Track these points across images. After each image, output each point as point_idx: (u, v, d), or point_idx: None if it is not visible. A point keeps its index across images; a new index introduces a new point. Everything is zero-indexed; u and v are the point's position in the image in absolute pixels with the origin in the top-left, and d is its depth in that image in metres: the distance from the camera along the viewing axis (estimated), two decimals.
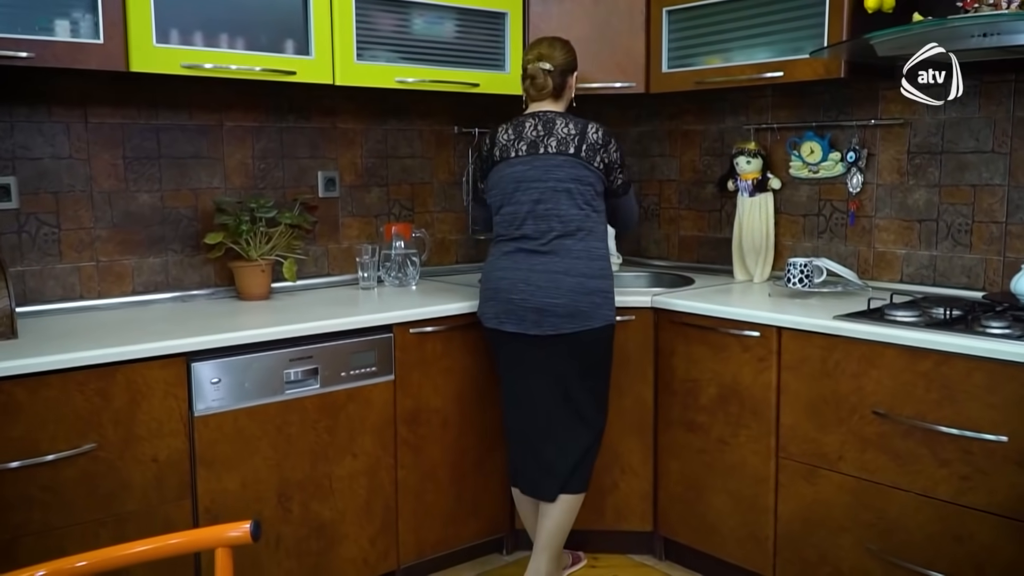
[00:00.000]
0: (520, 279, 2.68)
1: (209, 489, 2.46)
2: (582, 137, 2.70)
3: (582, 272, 2.66)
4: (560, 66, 2.77)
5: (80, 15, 2.46)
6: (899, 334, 2.41)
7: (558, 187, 2.67)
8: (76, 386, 2.23)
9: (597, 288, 2.69)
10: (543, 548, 2.80)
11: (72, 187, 2.78)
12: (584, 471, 2.82)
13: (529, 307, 2.66)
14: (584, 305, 2.66)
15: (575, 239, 2.68)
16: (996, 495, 2.28)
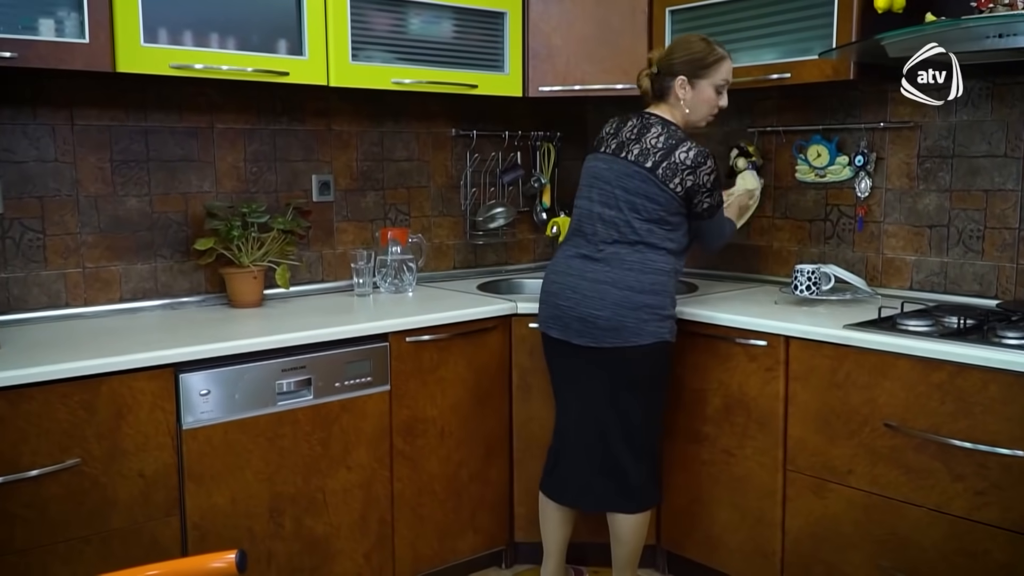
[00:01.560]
0: (570, 285, 2.61)
1: (198, 505, 2.38)
2: (667, 154, 2.56)
3: (630, 285, 2.55)
4: (661, 68, 2.65)
5: (65, 14, 2.38)
6: (912, 344, 2.34)
7: (626, 197, 2.58)
8: (59, 399, 2.14)
9: (645, 303, 2.55)
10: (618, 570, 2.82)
11: (58, 191, 2.69)
12: (630, 490, 2.68)
13: (574, 315, 2.59)
14: (630, 320, 2.54)
15: (631, 249, 2.57)
16: (1012, 511, 2.21)
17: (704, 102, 2.63)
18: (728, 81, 2.64)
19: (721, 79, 2.62)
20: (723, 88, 2.64)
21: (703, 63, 2.59)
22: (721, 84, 2.62)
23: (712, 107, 2.64)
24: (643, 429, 2.66)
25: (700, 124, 2.69)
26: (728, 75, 2.63)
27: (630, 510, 2.69)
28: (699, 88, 2.61)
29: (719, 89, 2.63)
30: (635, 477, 2.66)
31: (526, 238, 3.85)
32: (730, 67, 2.65)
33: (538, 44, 3.29)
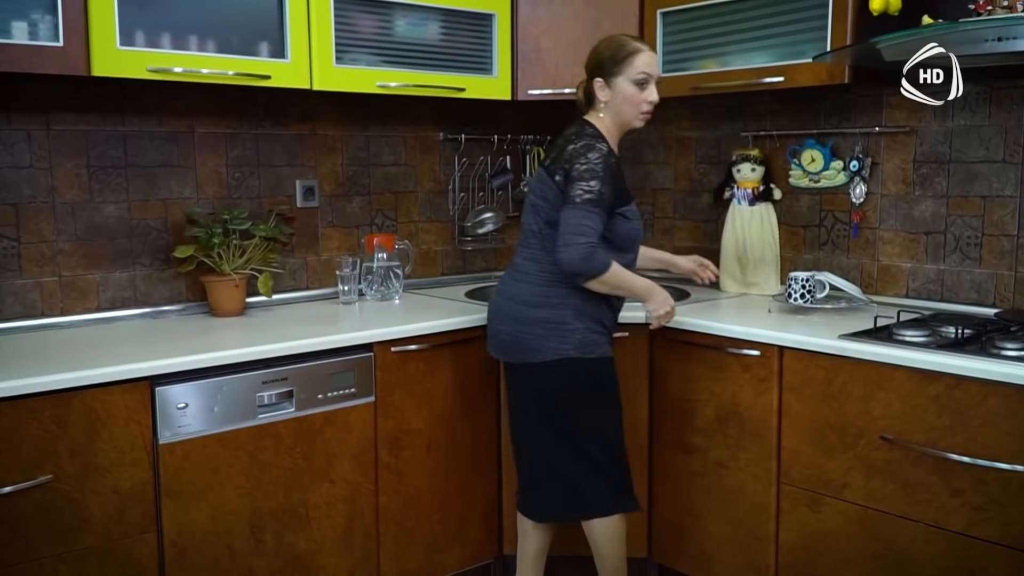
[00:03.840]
0: (492, 300, 2.67)
1: (176, 521, 2.31)
2: (561, 149, 2.49)
3: (524, 299, 2.51)
4: (587, 74, 2.58)
5: (39, 16, 2.31)
6: (909, 356, 2.29)
7: (532, 200, 2.56)
8: (30, 413, 2.07)
9: (539, 318, 2.48)
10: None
11: (33, 198, 2.63)
12: (582, 499, 2.60)
13: (489, 330, 2.66)
14: (526, 336, 2.50)
15: (532, 260, 2.53)
16: (1012, 527, 2.16)
17: (626, 100, 2.50)
18: (650, 74, 2.50)
19: (638, 73, 2.48)
20: (645, 82, 2.49)
21: (615, 60, 2.49)
22: (640, 78, 2.48)
23: (637, 104, 2.51)
24: (591, 445, 2.56)
25: (635, 124, 2.55)
26: (647, 67, 2.50)
27: (585, 515, 2.63)
28: (617, 87, 2.50)
29: (639, 83, 2.49)
30: (587, 488, 2.59)
31: (514, 243, 3.78)
32: (649, 59, 2.51)
33: (527, 47, 3.23)
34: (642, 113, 2.53)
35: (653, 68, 2.52)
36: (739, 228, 3.26)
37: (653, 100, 2.52)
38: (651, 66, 2.51)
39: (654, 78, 2.52)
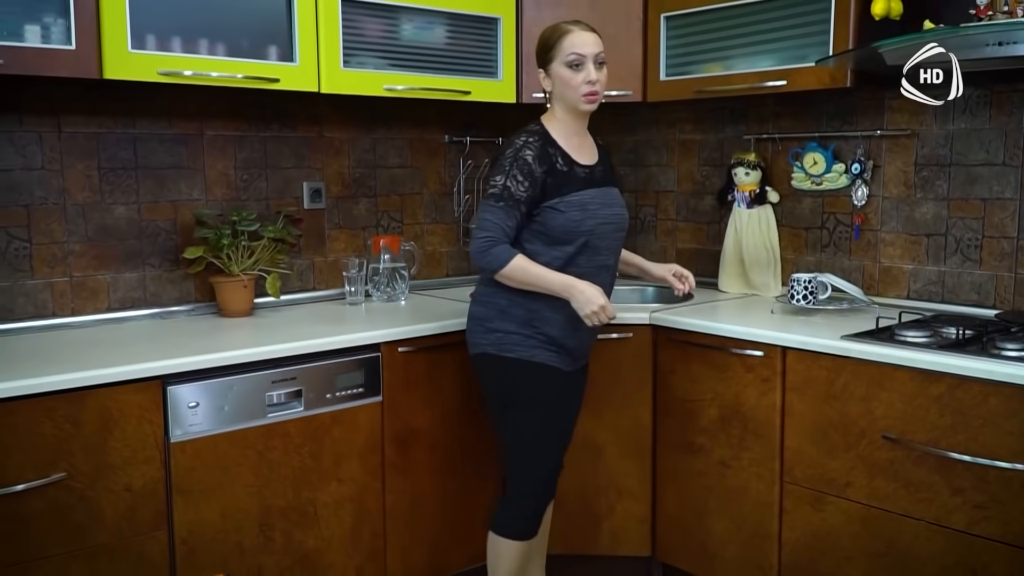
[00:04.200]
0: None
1: (186, 520, 2.34)
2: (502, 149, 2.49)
3: (474, 295, 2.60)
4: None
5: (51, 20, 2.34)
6: (911, 356, 2.32)
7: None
8: (44, 412, 2.10)
9: (473, 314, 2.54)
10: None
11: (44, 199, 2.66)
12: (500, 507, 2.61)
13: None
14: (467, 329, 2.58)
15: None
16: (1013, 525, 2.19)
17: (565, 84, 2.44)
18: (582, 54, 2.42)
19: (568, 54, 2.42)
20: (578, 63, 2.42)
21: (545, 47, 2.48)
22: (572, 59, 2.41)
23: (576, 86, 2.43)
24: (510, 448, 2.56)
25: (582, 107, 2.46)
26: (578, 47, 2.42)
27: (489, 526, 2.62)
28: (554, 73, 2.46)
29: (572, 65, 2.42)
30: (505, 495, 2.60)
31: None
32: (578, 39, 2.43)
33: (532, 50, 3.19)
34: (584, 96, 2.44)
35: (587, 47, 2.43)
36: (739, 230, 3.29)
37: (591, 80, 2.43)
38: (583, 45, 2.43)
39: (589, 57, 2.43)
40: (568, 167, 2.45)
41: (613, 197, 2.54)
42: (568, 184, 2.44)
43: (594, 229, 2.45)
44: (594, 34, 2.48)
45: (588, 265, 2.46)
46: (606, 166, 2.59)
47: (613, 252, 2.55)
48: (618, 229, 2.54)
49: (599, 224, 2.46)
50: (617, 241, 2.56)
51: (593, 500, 3.01)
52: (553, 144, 2.45)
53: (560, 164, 2.44)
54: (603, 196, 2.49)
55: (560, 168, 2.44)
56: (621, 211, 2.56)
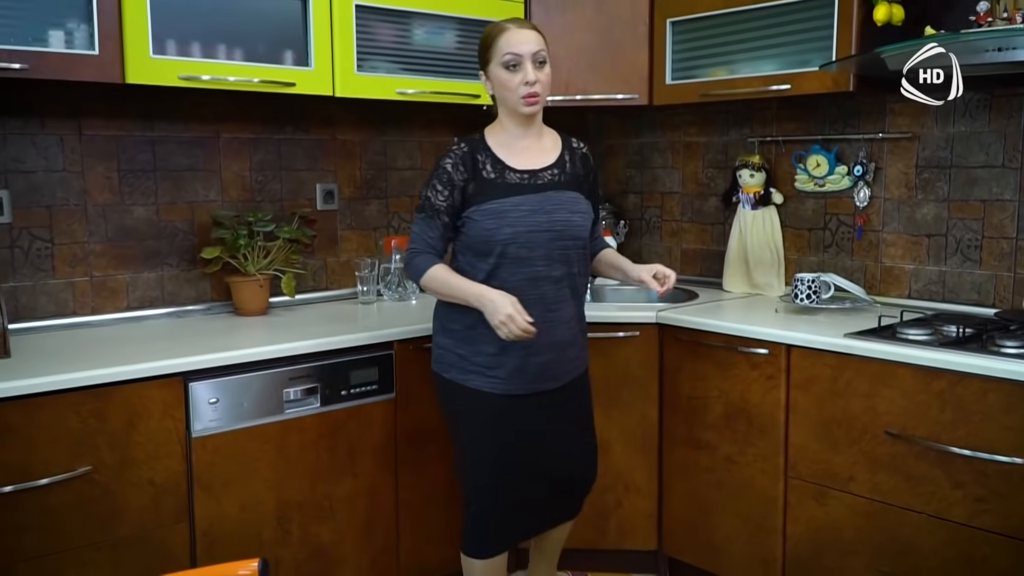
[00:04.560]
0: None
1: (207, 513, 2.40)
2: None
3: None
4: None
5: (75, 25, 2.40)
6: (912, 353, 2.38)
7: None
8: (71, 407, 2.17)
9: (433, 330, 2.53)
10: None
11: (66, 201, 2.72)
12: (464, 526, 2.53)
13: None
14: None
15: None
16: (1012, 518, 2.25)
17: (502, 86, 2.33)
18: (518, 54, 2.29)
19: (504, 55, 2.30)
20: (515, 63, 2.29)
21: (484, 48, 2.36)
22: (508, 59, 2.29)
23: (513, 88, 2.31)
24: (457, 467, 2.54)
25: (521, 110, 2.34)
26: (514, 46, 2.29)
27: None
28: (493, 76, 2.35)
29: (509, 66, 2.30)
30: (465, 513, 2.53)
31: None
32: (515, 37, 2.30)
33: None
34: (523, 98, 2.32)
35: (525, 46, 2.30)
36: (744, 231, 3.36)
37: (529, 80, 2.30)
38: (519, 44, 2.30)
39: (527, 57, 2.30)
40: (497, 174, 2.34)
41: (557, 202, 2.36)
42: (489, 192, 2.32)
43: (513, 238, 2.30)
44: (533, 31, 2.34)
45: (517, 277, 2.32)
46: (566, 170, 2.44)
47: (557, 262, 2.36)
48: (557, 237, 2.34)
49: (523, 232, 2.30)
50: (561, 250, 2.36)
51: (601, 495, 3.06)
52: (485, 151, 2.37)
53: (487, 171, 2.34)
54: (539, 202, 2.34)
55: (485, 175, 2.34)
56: (567, 216, 2.37)
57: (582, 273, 2.47)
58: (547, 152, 2.44)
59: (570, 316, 2.43)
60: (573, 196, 2.40)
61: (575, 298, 2.45)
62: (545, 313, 2.33)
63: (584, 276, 2.49)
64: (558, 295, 2.38)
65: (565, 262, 2.38)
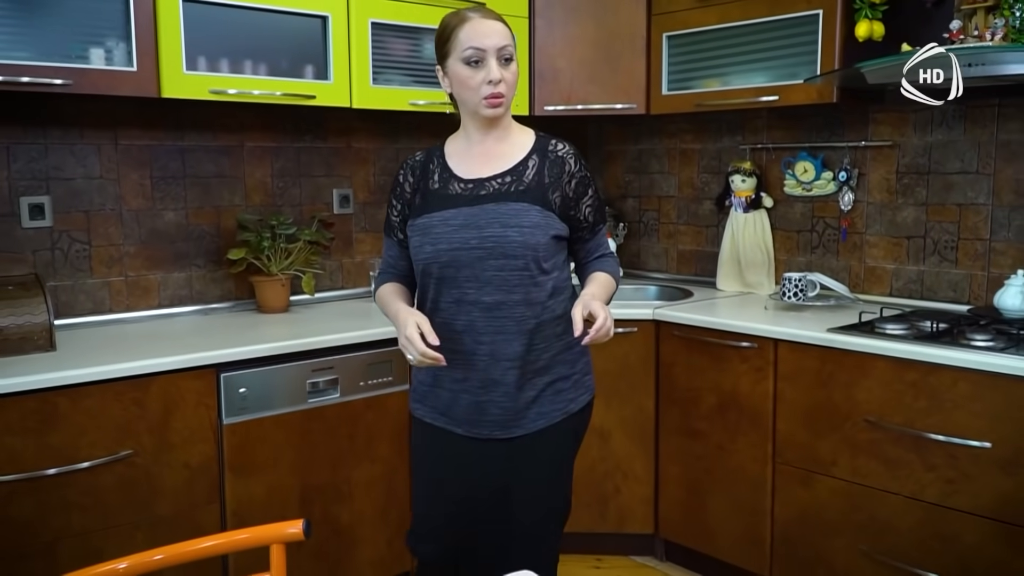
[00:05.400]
0: None
1: (237, 494, 2.59)
2: None
3: None
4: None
5: (114, 44, 2.58)
6: (889, 346, 2.56)
7: None
8: (114, 396, 2.36)
9: None
10: None
11: (103, 206, 2.91)
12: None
13: None
14: None
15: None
16: (980, 498, 2.43)
17: (462, 84, 2.01)
18: (480, 48, 1.97)
19: (465, 49, 1.98)
20: (477, 58, 1.98)
21: (439, 42, 2.06)
22: (468, 55, 1.98)
23: (474, 87, 2.00)
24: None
25: (483, 112, 2.02)
26: (475, 40, 1.98)
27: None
28: (451, 72, 2.03)
29: (470, 62, 1.98)
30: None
31: None
32: (478, 29, 1.99)
33: (544, 66, 3.50)
34: (485, 99, 2.00)
35: (489, 39, 1.99)
36: (736, 233, 3.55)
37: (493, 79, 1.99)
38: (483, 37, 1.99)
39: (491, 52, 1.98)
40: (442, 184, 2.08)
41: (493, 216, 2.00)
42: (427, 205, 2.07)
43: (434, 257, 2.02)
44: (499, 23, 2.03)
45: (446, 300, 2.05)
46: (523, 178, 2.06)
47: (489, 285, 2.01)
48: (488, 255, 1.99)
49: (445, 250, 2.01)
50: (495, 271, 2.00)
51: (601, 482, 3.25)
52: (439, 159, 2.12)
53: (434, 182, 2.09)
54: (471, 216, 2.01)
55: (432, 186, 2.08)
56: (499, 232, 1.99)
57: (531, 302, 2.02)
58: (505, 158, 2.08)
59: (513, 355, 2.03)
60: (518, 208, 2.00)
61: (523, 334, 2.03)
62: (475, 345, 2.03)
63: (539, 306, 2.04)
64: (491, 326, 2.02)
65: (501, 286, 2.00)
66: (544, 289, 2.04)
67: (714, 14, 3.25)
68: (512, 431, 2.07)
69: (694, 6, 3.30)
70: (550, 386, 2.09)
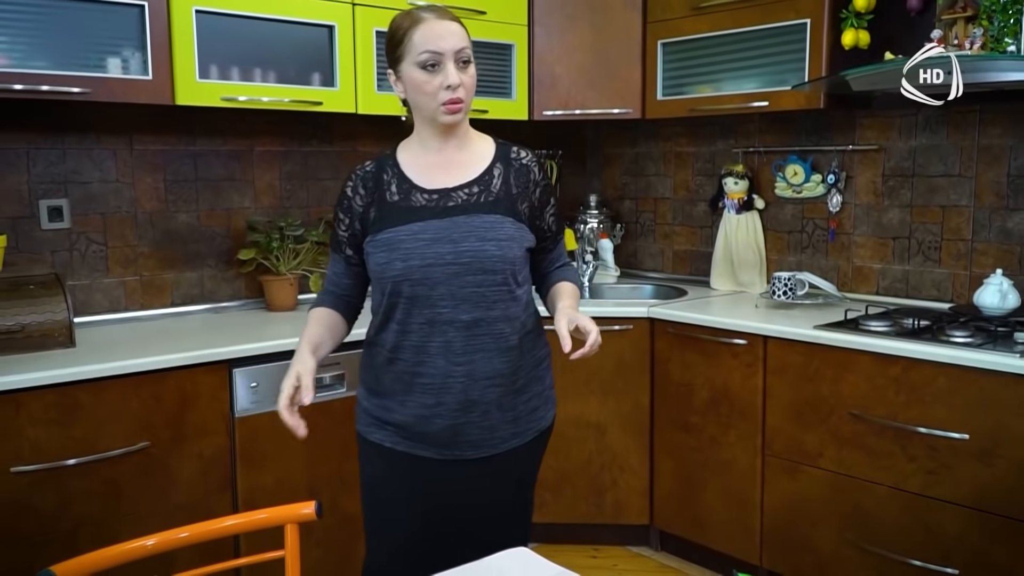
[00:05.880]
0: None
1: (248, 485, 2.70)
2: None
3: None
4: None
5: (130, 53, 2.69)
6: (871, 342, 2.67)
7: None
8: (133, 390, 2.47)
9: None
10: None
11: (118, 208, 3.03)
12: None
13: None
14: None
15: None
16: (959, 488, 2.53)
17: (418, 90, 1.89)
18: (437, 52, 1.86)
19: (421, 53, 1.86)
20: (434, 62, 1.86)
21: (391, 45, 1.93)
22: (426, 59, 1.85)
23: (431, 92, 1.88)
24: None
25: (441, 119, 1.91)
26: (432, 43, 1.86)
27: None
28: (405, 76, 1.91)
29: (426, 65, 1.86)
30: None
31: None
32: (435, 30, 1.87)
33: (542, 73, 3.62)
34: (444, 104, 1.89)
35: (446, 42, 1.87)
36: (729, 234, 3.66)
37: (451, 84, 1.87)
38: (440, 40, 1.86)
39: (449, 55, 1.87)
40: (403, 196, 1.94)
41: (467, 229, 1.90)
42: (388, 218, 1.92)
43: (406, 274, 1.88)
44: (456, 23, 1.91)
45: (415, 321, 1.91)
46: (490, 188, 1.96)
47: (466, 302, 1.89)
48: (465, 271, 1.88)
49: (418, 267, 1.87)
50: (473, 287, 1.89)
51: (598, 474, 3.37)
52: (393, 169, 1.98)
53: (392, 193, 1.95)
54: (443, 229, 1.89)
55: (390, 198, 1.94)
56: (477, 246, 1.88)
57: (510, 318, 1.94)
58: (467, 167, 1.98)
59: (493, 373, 1.93)
60: (492, 220, 1.91)
61: (501, 352, 1.93)
62: (450, 367, 1.91)
63: (517, 322, 1.96)
64: (470, 345, 1.90)
65: (480, 303, 1.90)
66: (520, 304, 1.97)
67: (707, 22, 3.36)
68: (485, 451, 1.97)
69: (688, 14, 3.41)
70: (526, 404, 2.01)
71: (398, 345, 1.93)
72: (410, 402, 1.95)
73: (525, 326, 1.99)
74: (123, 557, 1.52)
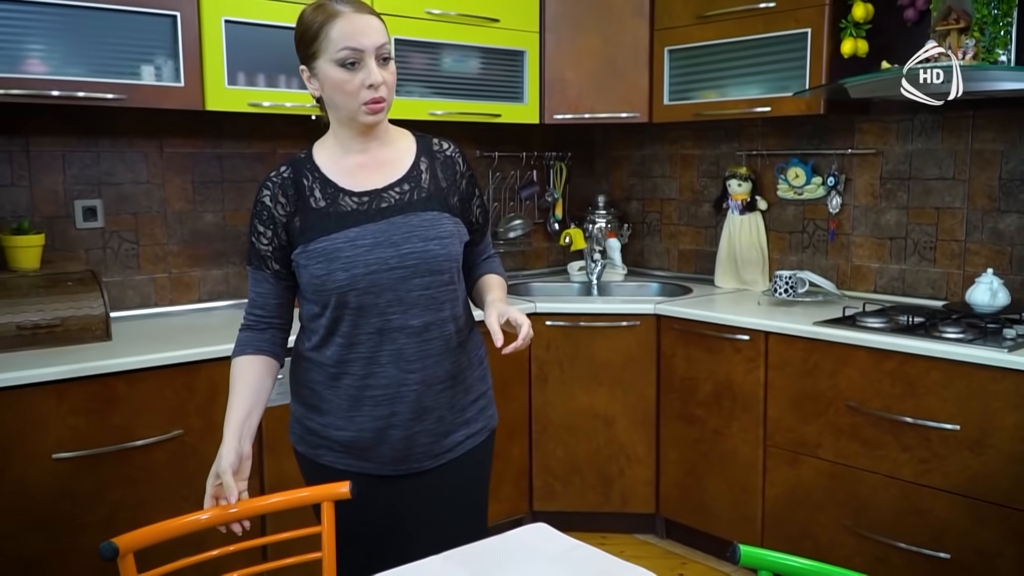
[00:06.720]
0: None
1: (273, 471, 2.83)
2: None
3: None
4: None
5: (163, 61, 2.82)
6: (868, 338, 2.80)
7: None
8: (167, 380, 2.60)
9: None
10: None
11: (149, 208, 3.17)
12: None
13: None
14: None
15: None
16: (951, 476, 2.65)
17: (337, 89, 1.76)
18: (357, 48, 1.73)
19: (340, 50, 1.73)
20: (353, 59, 1.73)
21: (305, 40, 1.79)
22: (345, 56, 1.73)
23: (351, 91, 1.75)
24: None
25: (363, 119, 1.78)
26: (351, 40, 1.73)
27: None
28: (320, 74, 1.78)
29: (345, 63, 1.73)
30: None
31: (541, 246, 4.33)
32: (353, 25, 1.74)
33: (553, 78, 3.74)
34: (365, 104, 1.76)
35: (367, 38, 1.74)
36: (733, 234, 3.79)
37: (373, 83, 1.74)
38: (360, 36, 1.74)
39: (369, 52, 1.74)
40: (329, 201, 1.81)
41: (406, 229, 1.81)
42: (318, 227, 1.80)
43: (350, 284, 1.77)
44: (375, 18, 1.78)
45: (362, 331, 1.81)
46: (421, 184, 1.87)
47: (415, 306, 1.81)
48: (411, 274, 1.80)
49: (362, 275, 1.77)
50: (421, 290, 1.81)
51: (606, 465, 3.50)
52: (313, 173, 1.84)
53: (316, 199, 1.82)
54: (381, 232, 1.80)
55: (315, 205, 1.81)
56: (421, 247, 1.81)
57: (456, 317, 1.89)
58: (394, 165, 1.88)
59: (445, 376, 1.87)
60: (430, 218, 1.84)
61: (451, 353, 1.87)
62: (403, 375, 1.82)
63: (461, 320, 1.91)
64: (422, 350, 1.83)
65: (429, 306, 1.83)
66: (460, 301, 1.91)
67: (712, 30, 3.48)
68: (441, 459, 1.91)
69: (694, 23, 3.53)
70: (474, 404, 1.96)
71: (344, 359, 1.83)
72: (359, 417, 1.85)
73: (467, 324, 1.95)
74: (179, 530, 1.66)
